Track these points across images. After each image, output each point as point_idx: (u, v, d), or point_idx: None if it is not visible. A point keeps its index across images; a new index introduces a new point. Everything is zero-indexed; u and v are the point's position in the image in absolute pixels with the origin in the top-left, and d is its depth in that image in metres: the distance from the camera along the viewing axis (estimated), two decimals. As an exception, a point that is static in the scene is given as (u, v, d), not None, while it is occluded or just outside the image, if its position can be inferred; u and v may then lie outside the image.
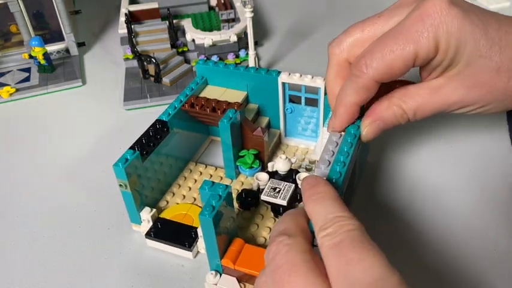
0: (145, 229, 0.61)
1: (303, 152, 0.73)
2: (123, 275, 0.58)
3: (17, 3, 0.96)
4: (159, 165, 0.64)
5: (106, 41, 1.13)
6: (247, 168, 0.67)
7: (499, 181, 0.67)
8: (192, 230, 0.60)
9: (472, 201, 0.64)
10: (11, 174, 0.76)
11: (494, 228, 0.60)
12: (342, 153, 0.54)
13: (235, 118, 0.64)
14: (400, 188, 0.67)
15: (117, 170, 0.57)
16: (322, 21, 1.14)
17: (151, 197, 0.64)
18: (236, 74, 0.72)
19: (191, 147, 0.73)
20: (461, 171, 0.69)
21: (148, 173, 0.62)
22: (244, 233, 0.60)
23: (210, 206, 0.50)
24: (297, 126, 0.74)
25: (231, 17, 1.02)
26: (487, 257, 0.57)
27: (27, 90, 0.94)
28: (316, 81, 0.67)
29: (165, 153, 0.65)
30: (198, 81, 0.73)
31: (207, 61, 0.74)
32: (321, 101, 0.68)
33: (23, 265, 0.61)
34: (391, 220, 0.62)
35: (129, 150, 0.59)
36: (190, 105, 0.68)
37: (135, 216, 0.62)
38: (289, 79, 0.68)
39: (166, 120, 0.65)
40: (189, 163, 0.72)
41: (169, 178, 0.68)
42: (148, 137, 0.63)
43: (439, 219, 0.62)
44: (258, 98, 0.73)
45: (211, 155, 0.75)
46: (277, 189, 0.60)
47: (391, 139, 0.76)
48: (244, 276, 0.54)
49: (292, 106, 0.72)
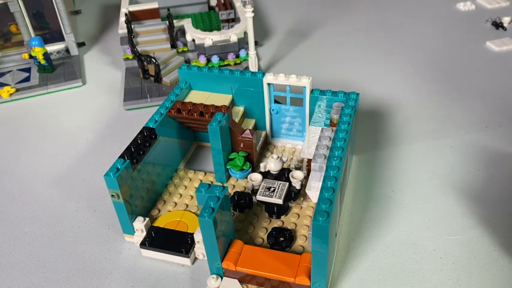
0: (139, 239, 0.61)
1: (290, 151, 0.73)
2: (123, 276, 0.58)
3: (17, 3, 0.96)
4: (147, 174, 0.63)
5: (106, 41, 1.13)
6: (238, 170, 0.67)
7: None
8: (188, 236, 0.60)
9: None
10: (11, 174, 0.76)
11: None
12: (336, 148, 0.55)
13: (223, 121, 0.64)
14: (387, 181, 0.67)
15: (108, 180, 0.56)
16: (322, 21, 1.15)
17: (142, 206, 0.63)
18: (221, 77, 0.71)
19: (178, 153, 0.72)
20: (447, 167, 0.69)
21: (138, 181, 0.61)
22: (241, 235, 0.60)
23: (208, 208, 0.50)
24: (282, 126, 0.74)
25: (231, 17, 1.02)
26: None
27: (27, 90, 0.94)
28: (302, 80, 0.67)
29: (152, 161, 0.64)
30: (182, 87, 0.72)
31: (189, 66, 0.73)
32: (306, 100, 0.68)
33: (23, 265, 0.61)
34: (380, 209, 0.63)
35: (119, 159, 0.59)
36: (177, 111, 0.67)
37: (128, 227, 0.61)
38: (275, 79, 0.68)
39: (154, 127, 0.65)
40: (178, 170, 0.71)
41: (159, 186, 0.67)
42: (137, 145, 0.62)
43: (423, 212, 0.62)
44: (243, 101, 0.73)
45: (198, 160, 0.75)
46: (272, 189, 0.61)
47: (379, 136, 0.76)
48: (246, 277, 0.54)
49: (277, 107, 0.72)
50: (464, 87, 0.89)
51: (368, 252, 0.58)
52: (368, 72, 0.95)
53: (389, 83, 0.91)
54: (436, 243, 0.59)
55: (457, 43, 1.04)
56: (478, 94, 0.86)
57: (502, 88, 0.88)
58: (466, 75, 0.92)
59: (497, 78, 0.91)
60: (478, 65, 0.96)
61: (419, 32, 1.10)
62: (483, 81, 0.90)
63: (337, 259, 0.58)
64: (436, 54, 1.00)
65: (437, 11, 1.19)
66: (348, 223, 0.62)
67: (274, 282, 0.53)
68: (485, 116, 0.80)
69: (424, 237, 0.60)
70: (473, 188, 0.66)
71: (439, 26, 1.12)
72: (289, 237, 0.58)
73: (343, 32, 1.12)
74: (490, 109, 0.82)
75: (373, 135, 0.78)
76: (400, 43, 1.05)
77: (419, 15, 1.17)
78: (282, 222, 0.61)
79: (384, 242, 0.60)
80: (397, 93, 0.88)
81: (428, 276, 0.55)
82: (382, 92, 0.88)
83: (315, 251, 0.48)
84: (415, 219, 0.62)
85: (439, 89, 0.89)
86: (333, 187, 0.50)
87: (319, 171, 0.56)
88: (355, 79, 0.93)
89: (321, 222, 0.46)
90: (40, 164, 0.78)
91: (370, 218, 0.63)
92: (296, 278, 0.52)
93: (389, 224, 0.62)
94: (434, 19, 1.15)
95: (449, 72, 0.94)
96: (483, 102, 0.84)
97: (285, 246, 0.57)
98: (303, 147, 0.72)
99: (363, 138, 0.76)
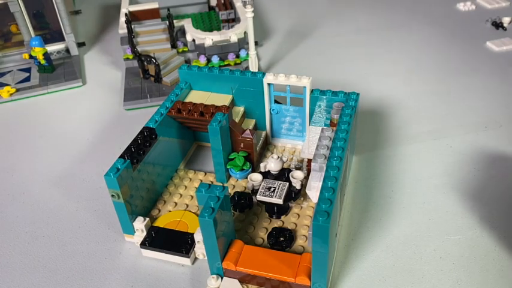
0: (140, 239, 0.61)
1: (290, 151, 0.73)
2: (123, 276, 0.58)
3: (17, 3, 0.96)
4: (147, 174, 0.63)
5: (106, 41, 1.13)
6: (238, 170, 0.67)
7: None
8: (188, 236, 0.60)
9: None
10: (11, 174, 0.76)
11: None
12: (336, 148, 0.55)
13: (224, 121, 0.64)
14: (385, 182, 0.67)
15: (108, 180, 0.56)
16: (322, 21, 1.15)
17: (142, 206, 0.63)
18: (221, 77, 0.71)
19: (178, 153, 0.72)
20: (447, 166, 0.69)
21: (138, 181, 0.61)
22: (241, 235, 0.60)
23: (209, 208, 0.50)
24: (282, 126, 0.74)
25: (231, 17, 1.02)
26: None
27: (27, 90, 0.94)
28: (302, 80, 0.67)
29: (153, 161, 0.64)
30: (182, 87, 0.72)
31: (190, 66, 0.73)
32: (306, 99, 0.68)
33: (23, 265, 0.61)
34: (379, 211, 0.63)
35: (119, 159, 0.59)
36: (177, 111, 0.67)
37: (128, 227, 0.61)
38: (275, 79, 0.68)
39: (154, 127, 0.65)
40: (178, 170, 0.71)
41: (159, 186, 0.67)
42: (138, 145, 0.62)
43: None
44: (243, 100, 0.73)
45: (198, 160, 0.75)
46: (272, 189, 0.61)
47: (379, 136, 0.76)
48: (246, 277, 0.54)
49: (277, 107, 0.72)
50: (464, 87, 0.89)
51: (368, 252, 0.58)
52: (368, 72, 0.95)
53: (389, 83, 0.91)
54: (436, 243, 0.59)
55: (457, 43, 1.04)
56: (478, 94, 0.86)
57: (502, 88, 0.88)
58: (466, 75, 0.92)
59: (497, 78, 0.91)
60: (478, 65, 0.96)
61: (420, 32, 1.10)
62: (483, 81, 0.90)
63: (337, 259, 0.58)
64: (436, 54, 1.00)
65: (438, 11, 1.19)
66: (348, 223, 0.62)
67: (274, 282, 0.53)
68: (485, 116, 0.80)
69: (424, 237, 0.60)
70: (473, 188, 0.66)
71: (439, 26, 1.12)
72: (289, 237, 0.58)
73: (343, 32, 1.12)
74: (490, 109, 0.82)
75: (373, 135, 0.78)
76: (400, 43, 1.05)
77: (420, 15, 1.17)
78: (282, 222, 0.61)
79: (384, 242, 0.60)
80: (397, 93, 0.88)
81: (428, 276, 0.55)
82: (382, 92, 0.88)
83: (315, 251, 0.48)
84: (415, 219, 0.62)
85: (439, 89, 0.89)
86: (333, 187, 0.50)
87: (319, 171, 0.56)
88: (355, 79, 0.93)
89: (321, 222, 0.46)
90: (40, 164, 0.78)
91: (370, 218, 0.63)
92: (296, 278, 0.52)
93: (390, 224, 0.62)
94: (434, 19, 1.15)
95: (449, 72, 0.94)
96: (483, 102, 0.84)
97: (285, 246, 0.57)
98: (303, 147, 0.72)
99: (363, 138, 0.76)
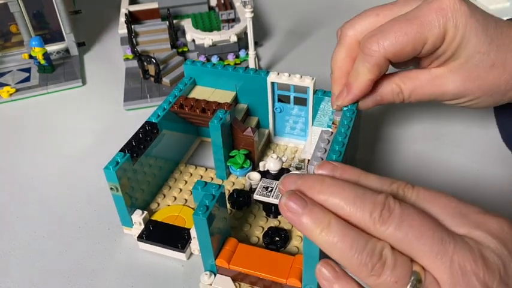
0: (137, 232, 0.61)
1: (292, 151, 0.73)
2: (123, 275, 0.58)
3: (17, 3, 0.96)
4: (149, 167, 0.64)
5: (106, 41, 1.13)
6: (238, 168, 0.67)
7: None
8: (185, 232, 0.60)
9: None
10: (11, 174, 0.76)
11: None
12: (333, 151, 0.55)
13: (225, 118, 0.64)
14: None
15: (107, 173, 0.57)
16: (322, 21, 1.14)
17: (141, 199, 0.63)
18: (225, 74, 0.72)
19: (180, 148, 0.73)
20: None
21: (139, 175, 0.62)
22: (237, 233, 0.60)
23: (203, 206, 0.50)
24: (286, 125, 0.74)
25: (231, 17, 1.02)
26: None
27: (27, 90, 0.94)
28: (305, 80, 0.67)
29: (154, 155, 0.65)
30: (186, 82, 0.72)
31: (194, 61, 0.73)
32: (309, 100, 0.68)
33: (23, 265, 0.61)
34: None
35: (119, 152, 0.59)
36: (180, 106, 0.68)
37: (127, 220, 0.62)
38: (278, 79, 0.68)
39: (156, 122, 0.65)
40: (179, 164, 0.72)
41: (160, 180, 0.67)
42: (138, 139, 0.62)
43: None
44: (247, 98, 0.73)
45: (201, 156, 0.75)
46: (269, 188, 0.61)
47: (380, 137, 0.76)
48: (238, 276, 0.55)
49: (281, 105, 0.72)
50: (464, 87, 0.88)
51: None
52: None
53: (389, 83, 0.91)
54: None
55: (457, 43, 1.04)
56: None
57: (502, 88, 0.88)
58: (466, 75, 0.92)
59: (497, 78, 0.91)
60: (478, 65, 0.95)
61: (419, 32, 1.09)
62: (483, 81, 0.90)
63: (337, 259, 0.58)
64: (436, 54, 1.00)
65: (437, 11, 1.19)
66: (348, 223, 0.62)
67: (266, 282, 0.53)
68: (485, 116, 0.80)
69: (424, 237, 0.60)
70: (473, 188, 0.66)
71: (439, 26, 1.12)
72: (284, 238, 0.58)
73: (343, 32, 1.11)
74: (490, 109, 0.82)
75: (374, 135, 0.78)
76: (400, 43, 1.05)
77: (419, 15, 1.17)
78: (278, 221, 0.61)
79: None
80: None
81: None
82: (382, 92, 0.88)
83: (306, 254, 0.48)
84: (415, 219, 0.62)
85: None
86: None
87: None
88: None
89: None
90: (40, 163, 0.78)
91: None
92: (288, 279, 0.52)
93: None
94: (434, 19, 1.15)
95: (449, 72, 0.94)
96: (483, 102, 0.84)
97: (280, 247, 0.58)
98: (304, 147, 0.72)
99: (363, 139, 0.76)
